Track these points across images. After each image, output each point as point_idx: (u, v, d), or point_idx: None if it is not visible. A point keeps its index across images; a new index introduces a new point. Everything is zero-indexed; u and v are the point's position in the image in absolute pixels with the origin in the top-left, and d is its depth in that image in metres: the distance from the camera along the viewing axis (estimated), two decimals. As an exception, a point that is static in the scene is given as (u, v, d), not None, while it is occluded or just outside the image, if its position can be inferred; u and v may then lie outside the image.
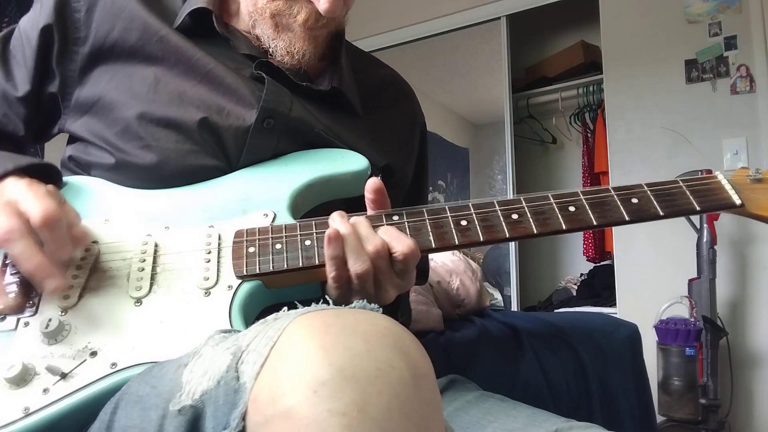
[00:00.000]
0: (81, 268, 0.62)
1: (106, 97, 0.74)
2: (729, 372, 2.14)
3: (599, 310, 2.56)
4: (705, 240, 2.11)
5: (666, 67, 2.44)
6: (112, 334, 0.57)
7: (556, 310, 2.78)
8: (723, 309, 2.18)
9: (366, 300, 0.46)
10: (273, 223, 0.66)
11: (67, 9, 0.76)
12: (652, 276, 2.40)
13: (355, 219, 0.62)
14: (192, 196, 0.70)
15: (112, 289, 0.60)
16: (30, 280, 0.57)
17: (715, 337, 2.03)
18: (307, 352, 0.36)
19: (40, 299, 0.59)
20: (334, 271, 0.59)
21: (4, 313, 0.57)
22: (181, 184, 0.71)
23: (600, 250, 3.04)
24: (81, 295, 0.59)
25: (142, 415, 0.43)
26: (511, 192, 2.87)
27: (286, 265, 0.62)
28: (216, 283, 0.61)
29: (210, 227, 0.66)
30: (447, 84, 3.41)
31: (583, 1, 2.75)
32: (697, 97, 2.38)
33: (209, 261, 0.62)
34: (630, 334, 1.24)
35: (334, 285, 0.60)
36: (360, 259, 0.59)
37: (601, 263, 3.04)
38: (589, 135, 3.15)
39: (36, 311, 0.58)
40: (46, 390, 0.52)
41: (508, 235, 0.63)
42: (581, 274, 3.14)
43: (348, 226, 0.61)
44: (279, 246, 0.63)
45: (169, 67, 0.74)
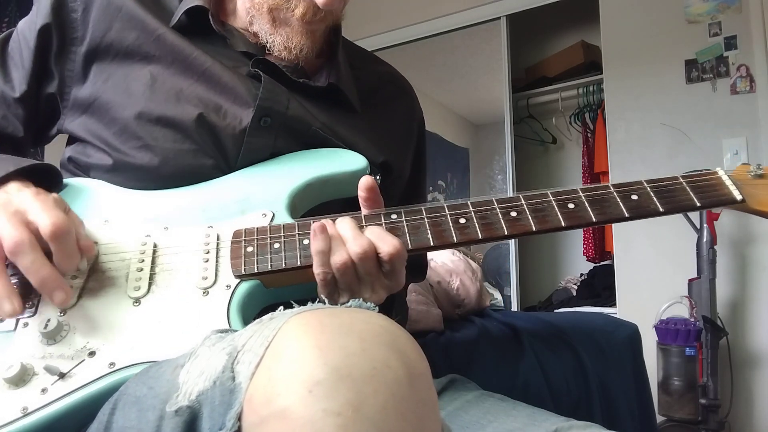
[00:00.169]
0: (80, 269, 0.62)
1: (103, 96, 0.74)
2: (729, 372, 2.14)
3: (599, 310, 2.56)
4: (705, 240, 2.10)
5: (666, 67, 2.44)
6: (110, 334, 0.57)
7: (556, 310, 2.78)
8: (723, 309, 2.17)
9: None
10: (271, 223, 0.66)
11: (65, 9, 0.76)
12: (652, 276, 2.40)
13: (339, 219, 0.62)
14: (190, 196, 0.70)
15: (111, 290, 0.60)
16: (39, 291, 0.57)
17: (715, 337, 2.03)
18: (302, 351, 0.36)
19: (39, 300, 0.60)
20: (320, 267, 0.59)
21: (15, 316, 0.56)
22: (179, 185, 0.70)
23: (600, 250, 3.04)
24: (80, 296, 0.59)
25: (139, 416, 0.43)
26: (511, 192, 2.86)
27: (284, 265, 0.62)
28: (214, 282, 0.61)
29: (209, 227, 0.66)
30: (447, 84, 3.41)
31: (583, 1, 2.75)
32: (697, 97, 2.37)
33: (208, 261, 0.63)
34: (630, 334, 1.24)
35: (322, 284, 0.60)
36: (338, 252, 0.59)
37: (601, 263, 3.03)
38: (589, 135, 3.14)
39: (35, 312, 0.59)
40: (44, 390, 0.52)
41: (507, 232, 0.63)
42: (581, 274, 3.14)
43: (331, 225, 0.61)
44: (277, 246, 0.63)
45: (165, 66, 0.74)
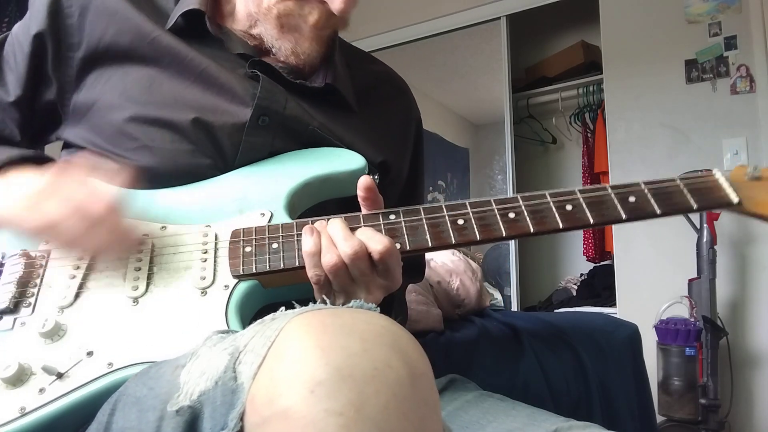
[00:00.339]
0: (78, 268, 0.62)
1: (101, 100, 0.73)
2: (729, 372, 2.14)
3: (599, 310, 2.56)
4: (705, 240, 2.10)
5: (666, 67, 2.44)
6: (108, 334, 0.56)
7: (556, 310, 2.78)
8: (723, 309, 2.17)
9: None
10: (270, 222, 0.66)
11: (60, 15, 0.76)
12: (652, 276, 2.39)
13: (330, 221, 0.62)
14: (189, 195, 0.69)
15: (109, 289, 0.60)
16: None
17: (715, 337, 2.03)
18: (304, 351, 0.36)
19: (37, 299, 0.59)
20: (312, 270, 0.59)
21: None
22: (177, 185, 0.70)
23: (600, 250, 3.04)
24: (78, 295, 0.59)
25: (139, 417, 0.43)
26: (511, 192, 2.86)
27: (282, 265, 0.61)
28: (212, 282, 0.61)
29: (207, 227, 0.66)
30: (447, 84, 3.41)
31: (583, 1, 2.75)
32: (697, 97, 2.37)
33: (206, 260, 0.62)
34: (630, 334, 1.24)
35: (316, 287, 0.60)
36: (328, 253, 0.59)
37: (601, 263, 3.03)
38: (589, 135, 3.14)
39: (33, 311, 0.58)
40: (42, 390, 0.52)
41: (505, 233, 0.63)
42: (581, 274, 3.14)
43: (322, 227, 0.61)
44: (275, 245, 0.63)
45: (162, 69, 0.73)
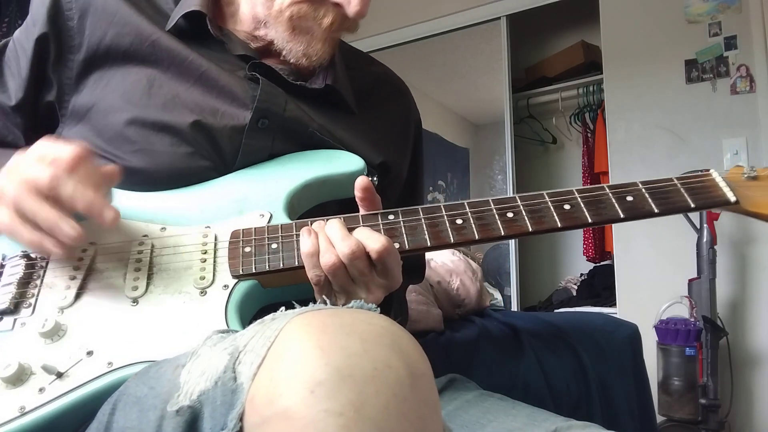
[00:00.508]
0: (78, 269, 0.62)
1: (100, 103, 0.73)
2: (729, 372, 2.14)
3: (599, 310, 2.56)
4: (705, 240, 2.10)
5: (666, 67, 2.44)
6: (108, 334, 0.57)
7: (556, 310, 2.78)
8: (723, 309, 2.17)
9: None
10: (269, 223, 0.66)
11: (61, 18, 0.76)
12: (652, 276, 2.39)
13: (328, 222, 0.63)
14: (188, 197, 0.70)
15: (109, 289, 0.60)
16: (88, 215, 0.56)
17: (715, 337, 2.03)
18: (304, 352, 0.36)
19: (37, 300, 0.59)
20: (311, 270, 0.59)
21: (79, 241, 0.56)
22: (176, 187, 0.70)
23: (600, 250, 3.04)
24: (78, 295, 0.60)
25: (140, 416, 0.43)
26: (511, 192, 2.86)
27: (281, 265, 0.62)
28: (212, 282, 0.61)
29: (206, 227, 0.66)
30: (447, 84, 3.41)
31: (583, 1, 2.75)
32: (697, 97, 2.37)
33: (205, 261, 0.63)
34: (630, 334, 1.24)
35: (316, 287, 0.60)
36: (327, 253, 0.59)
37: (601, 263, 3.03)
38: (589, 135, 3.14)
39: (33, 312, 0.59)
40: (42, 389, 0.52)
41: (504, 233, 0.63)
42: (581, 274, 3.14)
43: (320, 228, 0.61)
44: (275, 246, 0.63)
45: (162, 71, 0.73)
